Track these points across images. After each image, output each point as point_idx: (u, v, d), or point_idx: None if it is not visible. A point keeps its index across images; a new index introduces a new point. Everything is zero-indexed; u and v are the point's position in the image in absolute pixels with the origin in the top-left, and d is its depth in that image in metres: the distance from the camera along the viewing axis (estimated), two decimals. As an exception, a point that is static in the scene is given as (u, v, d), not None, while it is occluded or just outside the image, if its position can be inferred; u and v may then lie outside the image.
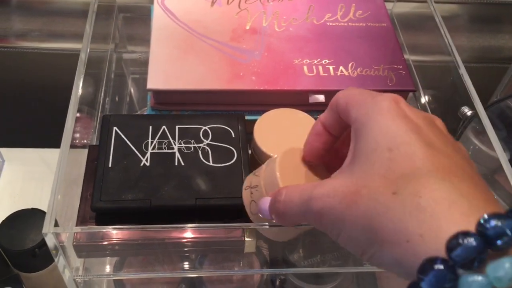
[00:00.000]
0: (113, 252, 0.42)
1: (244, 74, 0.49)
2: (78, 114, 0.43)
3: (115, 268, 0.49)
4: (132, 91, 0.68)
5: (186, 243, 0.41)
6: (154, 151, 0.43)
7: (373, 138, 0.27)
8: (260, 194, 0.36)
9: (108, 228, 0.40)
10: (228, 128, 0.45)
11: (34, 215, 0.54)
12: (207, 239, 0.41)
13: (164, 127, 0.44)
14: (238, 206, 0.39)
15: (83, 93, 0.45)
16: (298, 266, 0.48)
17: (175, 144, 0.43)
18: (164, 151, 0.43)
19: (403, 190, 0.25)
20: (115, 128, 0.44)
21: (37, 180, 0.72)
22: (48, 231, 0.36)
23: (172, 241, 0.41)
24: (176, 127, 0.45)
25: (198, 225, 0.39)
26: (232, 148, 0.44)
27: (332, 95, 0.33)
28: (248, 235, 0.41)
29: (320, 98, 0.49)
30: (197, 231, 0.41)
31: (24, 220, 0.54)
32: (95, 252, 0.41)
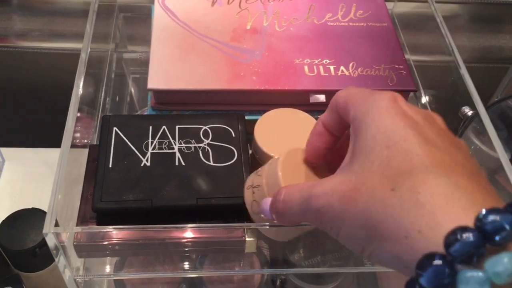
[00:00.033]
0: (113, 252, 0.42)
1: (244, 74, 0.49)
2: (79, 114, 0.43)
3: (115, 268, 0.49)
4: (133, 91, 0.68)
5: (186, 243, 0.41)
6: (155, 151, 0.43)
7: (371, 136, 0.27)
8: (262, 193, 0.36)
9: (108, 228, 0.40)
10: (229, 128, 0.45)
11: (34, 215, 0.54)
12: (207, 239, 0.41)
13: (164, 127, 0.44)
14: (239, 206, 0.39)
15: (83, 92, 0.45)
16: (298, 266, 0.48)
17: (175, 144, 0.43)
18: (165, 151, 0.43)
19: (401, 186, 0.25)
20: (115, 128, 0.44)
21: (37, 180, 0.72)
22: (49, 231, 0.36)
23: (172, 241, 0.41)
24: (176, 127, 0.45)
25: (198, 225, 0.39)
26: (233, 148, 0.44)
27: (333, 95, 0.33)
28: (249, 235, 0.41)
29: (321, 98, 0.49)
30: (197, 231, 0.41)
31: (24, 220, 0.54)
32: (96, 252, 0.41)
